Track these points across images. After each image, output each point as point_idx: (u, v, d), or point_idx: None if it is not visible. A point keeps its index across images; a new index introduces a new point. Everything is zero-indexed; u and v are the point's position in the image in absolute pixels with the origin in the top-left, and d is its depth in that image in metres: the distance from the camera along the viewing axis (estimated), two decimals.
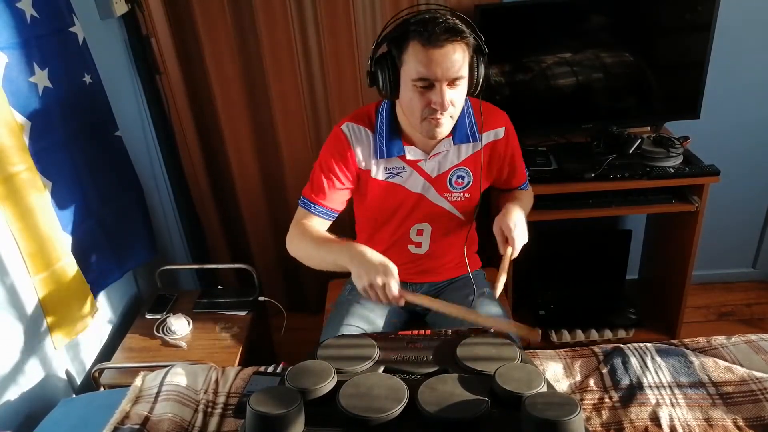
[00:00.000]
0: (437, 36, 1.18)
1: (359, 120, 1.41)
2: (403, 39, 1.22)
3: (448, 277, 1.63)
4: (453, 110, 1.27)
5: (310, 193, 1.43)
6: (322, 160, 1.43)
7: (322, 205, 1.42)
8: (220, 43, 1.97)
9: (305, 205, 1.43)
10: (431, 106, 1.24)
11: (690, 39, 1.95)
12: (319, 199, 1.42)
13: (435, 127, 1.28)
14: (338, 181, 1.41)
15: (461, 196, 1.47)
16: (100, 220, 1.73)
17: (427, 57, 1.19)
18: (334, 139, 1.41)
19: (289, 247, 1.42)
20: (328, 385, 1.02)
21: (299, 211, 1.44)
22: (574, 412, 0.89)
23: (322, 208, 1.42)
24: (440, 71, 1.20)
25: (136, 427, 1.18)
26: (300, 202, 1.44)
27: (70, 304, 1.57)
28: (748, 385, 1.21)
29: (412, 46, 1.21)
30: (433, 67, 1.20)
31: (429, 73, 1.21)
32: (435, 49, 1.19)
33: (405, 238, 1.53)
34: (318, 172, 1.43)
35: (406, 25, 1.22)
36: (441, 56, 1.19)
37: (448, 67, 1.20)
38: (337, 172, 1.40)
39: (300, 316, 2.42)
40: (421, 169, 1.42)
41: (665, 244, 2.26)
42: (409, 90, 1.25)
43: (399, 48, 1.24)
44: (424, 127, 1.29)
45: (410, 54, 1.22)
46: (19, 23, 1.42)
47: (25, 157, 1.40)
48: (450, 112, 1.26)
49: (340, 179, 1.41)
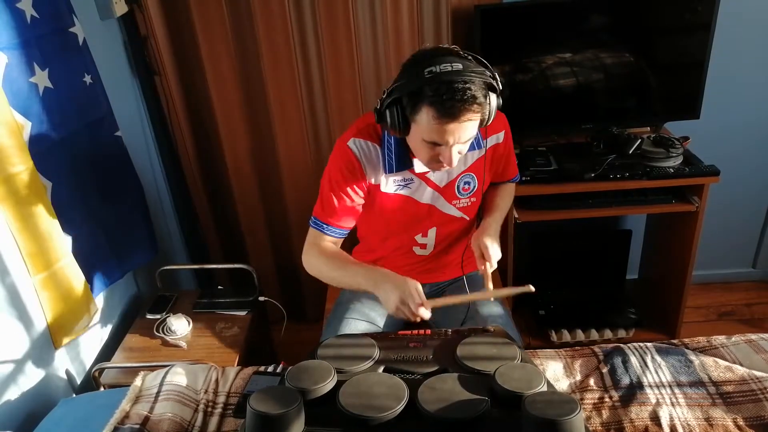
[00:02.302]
0: (454, 111, 1.14)
1: (366, 135, 1.37)
2: (416, 99, 1.16)
3: (450, 277, 1.63)
4: (460, 156, 1.28)
5: (321, 214, 1.41)
6: (331, 179, 1.39)
7: (335, 225, 1.41)
8: (218, 45, 1.97)
9: (318, 226, 1.42)
10: (439, 158, 1.24)
11: (690, 39, 1.95)
12: (331, 220, 1.40)
13: (441, 169, 1.29)
14: (350, 200, 1.39)
15: (468, 201, 1.47)
16: (101, 220, 1.73)
17: (441, 129, 1.17)
18: (342, 157, 1.37)
19: (306, 267, 1.43)
20: (328, 385, 1.02)
21: (312, 231, 1.44)
22: (574, 412, 0.89)
23: (334, 228, 1.41)
24: (453, 139, 1.19)
25: (136, 426, 1.18)
26: (312, 222, 1.43)
27: (71, 305, 1.57)
28: (748, 384, 1.21)
29: (426, 112, 1.16)
30: (446, 137, 1.18)
31: (441, 141, 1.19)
32: (451, 123, 1.16)
33: (411, 241, 1.53)
34: (328, 191, 1.39)
35: (420, 81, 1.14)
36: (455, 128, 1.17)
37: (462, 135, 1.19)
38: (348, 192, 1.38)
39: (300, 316, 2.42)
40: (429, 179, 1.42)
41: (665, 244, 2.26)
42: (418, 141, 1.23)
43: (412, 105, 1.18)
44: (429, 166, 1.31)
45: (423, 118, 1.17)
46: (19, 23, 1.41)
47: (25, 158, 1.40)
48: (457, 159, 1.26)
49: (351, 198, 1.39)
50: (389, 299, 1.23)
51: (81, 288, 1.59)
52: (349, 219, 1.42)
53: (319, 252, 1.40)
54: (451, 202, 1.46)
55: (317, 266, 1.40)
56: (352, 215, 1.42)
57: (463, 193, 1.46)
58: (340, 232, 1.42)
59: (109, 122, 1.78)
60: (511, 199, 1.62)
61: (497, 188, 1.58)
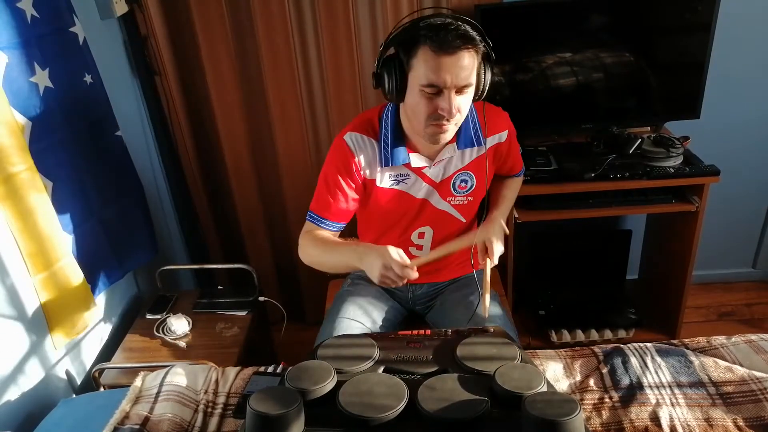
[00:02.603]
0: (449, 43, 1.16)
1: (362, 129, 1.39)
2: (413, 43, 1.20)
3: (449, 277, 1.63)
4: (458, 117, 1.27)
5: (317, 208, 1.43)
6: (327, 173, 1.41)
7: (329, 218, 1.42)
8: (218, 45, 1.97)
9: (313, 220, 1.44)
10: (438, 112, 1.24)
11: (690, 39, 1.95)
12: (326, 214, 1.42)
13: (439, 133, 1.28)
14: (344, 195, 1.40)
15: (464, 199, 1.47)
16: (102, 220, 1.73)
17: (438, 64, 1.18)
18: (337, 152, 1.39)
19: (301, 256, 1.44)
20: (328, 385, 1.02)
21: (307, 224, 1.45)
22: (574, 412, 0.89)
23: (330, 221, 1.43)
24: (450, 78, 1.19)
25: (136, 427, 1.18)
26: (308, 216, 1.45)
27: (71, 304, 1.57)
28: (748, 385, 1.21)
29: (423, 51, 1.19)
30: (443, 74, 1.19)
31: (438, 80, 1.20)
32: (446, 56, 1.17)
33: (407, 241, 1.53)
34: (323, 186, 1.41)
35: (416, 28, 1.20)
36: (452, 63, 1.18)
37: (458, 75, 1.20)
38: (342, 186, 1.39)
39: (299, 318, 2.42)
40: (425, 175, 1.42)
41: (665, 244, 2.26)
42: (416, 95, 1.24)
43: (408, 52, 1.22)
44: (427, 131, 1.29)
45: (420, 59, 1.20)
46: (19, 23, 1.41)
47: (25, 157, 1.40)
48: (455, 119, 1.26)
49: (345, 192, 1.40)
50: (373, 268, 1.24)
51: (81, 288, 1.59)
52: (343, 213, 1.43)
53: (311, 239, 1.42)
54: (446, 198, 1.46)
55: (309, 253, 1.42)
56: (346, 210, 1.43)
57: (459, 190, 1.46)
58: (335, 225, 1.43)
59: (109, 122, 1.78)
60: (518, 190, 1.63)
61: (504, 181, 1.59)
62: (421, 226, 1.51)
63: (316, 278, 2.17)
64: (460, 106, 1.25)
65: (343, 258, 1.35)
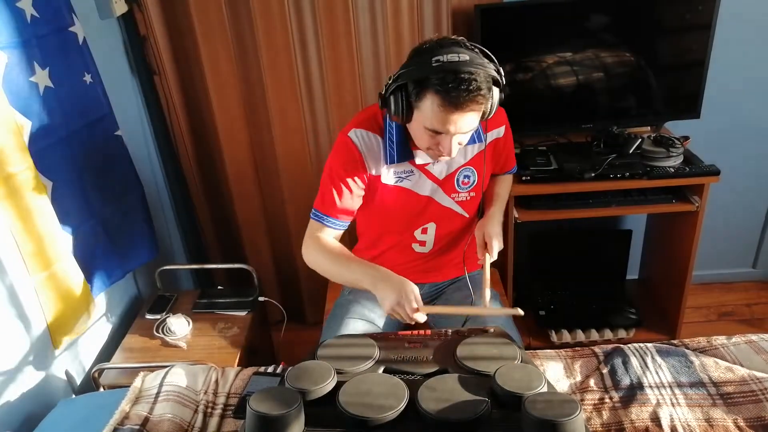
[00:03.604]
0: (459, 100, 1.14)
1: (367, 125, 1.37)
2: (422, 86, 1.18)
3: (449, 277, 1.63)
4: (460, 147, 1.28)
5: (322, 206, 1.41)
6: (332, 171, 1.39)
7: (335, 217, 1.41)
8: (218, 45, 1.97)
9: (318, 218, 1.42)
10: (439, 148, 1.25)
11: (690, 39, 1.95)
12: (331, 212, 1.40)
13: (440, 157, 1.30)
14: (350, 192, 1.39)
15: (467, 195, 1.48)
16: (102, 220, 1.73)
17: (445, 117, 1.18)
18: (343, 148, 1.37)
19: (306, 259, 1.43)
20: (328, 386, 1.02)
21: (312, 223, 1.43)
22: (574, 412, 0.89)
23: (335, 219, 1.41)
24: (454, 129, 1.20)
25: (136, 427, 1.18)
26: (312, 214, 1.43)
27: (70, 304, 1.57)
28: (748, 385, 1.21)
29: (431, 99, 1.17)
30: (447, 126, 1.19)
31: (443, 130, 1.20)
32: (454, 113, 1.17)
33: (410, 237, 1.53)
34: (328, 183, 1.39)
35: (427, 69, 1.15)
36: (458, 118, 1.18)
37: (463, 126, 1.20)
38: (348, 183, 1.38)
39: (299, 319, 2.42)
40: (429, 172, 1.42)
41: (665, 244, 2.26)
42: (420, 128, 1.24)
43: (417, 92, 1.19)
44: (428, 154, 1.32)
45: (427, 105, 1.18)
46: (19, 23, 1.41)
47: (24, 157, 1.40)
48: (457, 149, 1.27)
49: (351, 189, 1.38)
50: (386, 300, 1.23)
51: (80, 288, 1.59)
52: (349, 211, 1.42)
53: (320, 245, 1.39)
54: (450, 195, 1.46)
55: (317, 260, 1.40)
56: (352, 207, 1.42)
57: (463, 186, 1.46)
58: (341, 224, 1.42)
59: (109, 121, 1.78)
60: (510, 187, 1.65)
61: (496, 179, 1.60)
62: (425, 223, 1.51)
63: (316, 279, 2.16)
64: (462, 140, 1.26)
65: (355, 276, 1.33)
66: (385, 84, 1.25)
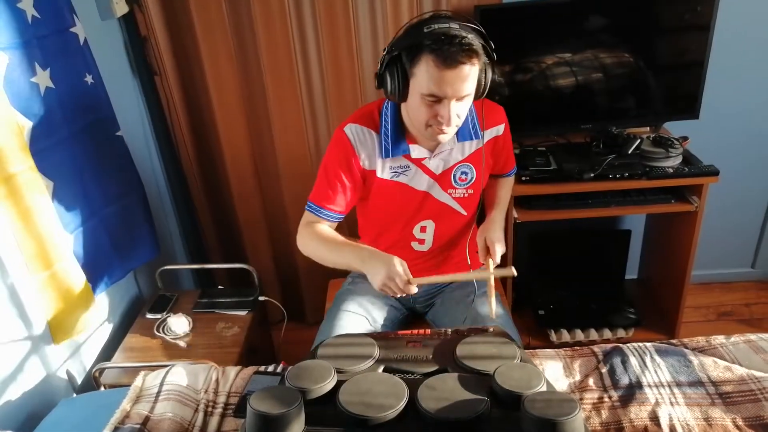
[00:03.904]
0: (452, 56, 1.16)
1: (362, 121, 1.40)
2: (416, 51, 1.20)
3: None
4: (458, 121, 1.28)
5: (316, 198, 1.44)
6: (327, 164, 1.42)
7: (328, 209, 1.43)
8: (218, 45, 1.97)
9: (312, 210, 1.44)
10: (438, 119, 1.25)
11: (690, 39, 1.95)
12: (325, 204, 1.43)
13: (439, 134, 1.30)
14: (343, 186, 1.41)
15: (465, 192, 1.48)
16: (103, 219, 1.73)
17: (440, 77, 1.19)
18: (337, 143, 1.41)
19: (300, 247, 1.45)
20: (328, 385, 1.02)
21: (306, 214, 1.46)
22: (573, 412, 0.89)
23: (328, 212, 1.43)
24: (451, 91, 1.21)
25: (137, 426, 1.19)
26: (307, 206, 1.45)
27: (72, 304, 1.57)
28: (747, 384, 1.21)
29: (425, 61, 1.19)
30: (444, 86, 1.20)
31: (439, 92, 1.21)
32: (449, 69, 1.18)
33: (409, 235, 1.54)
34: (323, 176, 1.43)
35: (420, 35, 1.19)
36: (454, 77, 1.19)
37: (459, 87, 1.21)
38: (342, 177, 1.41)
39: (299, 320, 2.42)
40: (425, 167, 1.43)
41: (665, 244, 2.26)
42: (417, 100, 1.25)
43: (411, 59, 1.22)
44: (428, 133, 1.31)
45: (422, 69, 1.20)
46: (20, 23, 1.41)
47: (26, 158, 1.40)
48: (455, 122, 1.27)
49: (344, 183, 1.41)
50: (376, 276, 1.25)
51: (82, 287, 1.59)
52: (342, 205, 1.44)
53: (312, 232, 1.42)
54: (447, 190, 1.47)
55: (310, 246, 1.42)
56: (345, 200, 1.44)
57: (460, 183, 1.47)
58: (334, 216, 1.44)
59: (110, 122, 1.78)
60: (510, 189, 1.65)
61: (497, 181, 1.60)
62: (423, 220, 1.51)
63: (316, 278, 2.18)
64: (460, 112, 1.27)
65: (344, 258, 1.35)
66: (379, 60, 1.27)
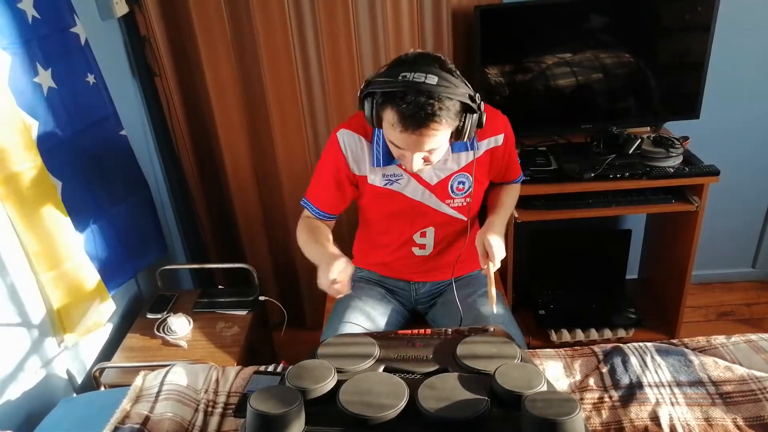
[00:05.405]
0: (414, 123, 1.15)
1: (355, 127, 1.41)
2: (385, 99, 1.18)
3: (450, 276, 1.63)
4: (428, 163, 1.29)
5: (309, 195, 1.50)
6: (319, 164, 1.47)
7: (318, 207, 1.48)
8: (218, 46, 1.97)
9: (305, 205, 1.51)
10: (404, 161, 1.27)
11: (690, 39, 1.95)
12: (315, 202, 1.48)
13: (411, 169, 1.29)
14: (331, 187, 1.45)
15: (463, 201, 1.48)
16: (110, 219, 1.73)
17: (400, 137, 1.19)
18: (330, 146, 1.44)
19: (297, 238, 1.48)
20: (328, 385, 1.02)
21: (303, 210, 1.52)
22: (574, 412, 0.89)
23: (318, 210, 1.48)
24: (412, 149, 1.22)
25: (137, 426, 1.19)
26: (302, 201, 1.51)
27: (85, 302, 1.56)
28: (747, 384, 1.21)
29: (390, 114, 1.18)
30: (404, 143, 1.21)
31: (401, 145, 1.22)
32: (410, 134, 1.17)
33: (409, 240, 1.54)
34: (317, 175, 1.48)
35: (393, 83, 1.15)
36: (414, 140, 1.19)
37: (421, 147, 1.21)
38: (329, 178, 1.44)
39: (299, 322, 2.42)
40: (418, 176, 1.43)
41: (665, 244, 2.26)
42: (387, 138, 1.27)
43: (380, 103, 1.20)
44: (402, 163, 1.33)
45: (387, 119, 1.20)
46: (20, 23, 1.41)
47: (34, 157, 1.40)
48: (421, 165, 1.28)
49: (333, 185, 1.44)
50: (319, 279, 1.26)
51: (95, 285, 1.59)
52: (331, 205, 1.48)
53: (303, 225, 1.48)
54: (444, 201, 1.47)
55: (299, 238, 1.47)
56: (334, 202, 1.47)
57: (457, 192, 1.46)
58: (324, 215, 1.49)
59: (113, 121, 1.78)
60: (516, 197, 1.62)
61: (501, 187, 1.59)
62: (423, 227, 1.52)
63: (316, 278, 2.17)
64: (429, 157, 1.27)
65: (311, 256, 1.39)
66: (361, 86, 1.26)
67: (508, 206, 1.54)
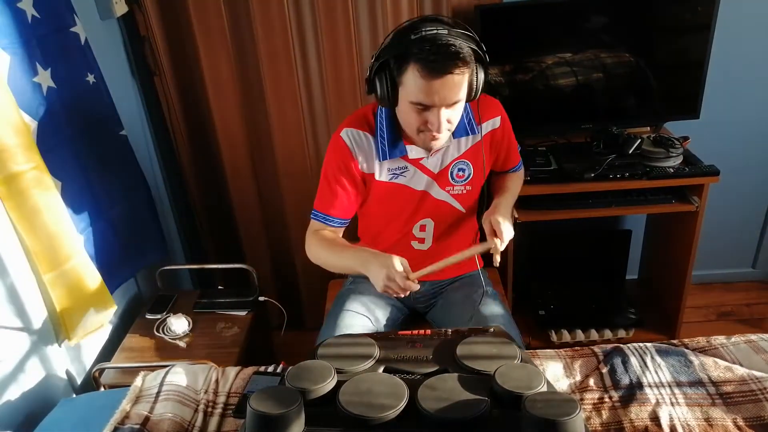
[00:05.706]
0: (439, 65, 1.15)
1: (358, 124, 1.40)
2: (403, 59, 1.19)
3: (450, 275, 1.64)
4: (449, 126, 1.28)
5: (320, 206, 1.45)
6: (327, 171, 1.43)
7: (333, 215, 1.44)
8: (217, 46, 1.97)
9: (317, 217, 1.46)
10: (428, 125, 1.25)
11: (690, 39, 1.95)
12: (330, 211, 1.44)
13: (431, 141, 1.29)
14: (345, 191, 1.42)
15: (463, 188, 1.48)
16: (111, 220, 1.73)
17: (427, 86, 1.18)
18: (335, 148, 1.41)
19: (309, 255, 1.46)
20: (328, 385, 1.02)
21: (312, 223, 1.47)
22: (574, 412, 0.89)
23: (333, 218, 1.44)
24: (439, 99, 1.20)
25: (137, 427, 1.18)
26: (312, 215, 1.46)
27: (87, 302, 1.56)
28: (747, 384, 1.21)
29: (412, 70, 1.18)
30: (432, 95, 1.19)
31: (428, 101, 1.20)
32: (436, 79, 1.17)
33: (408, 234, 1.54)
34: (325, 183, 1.43)
35: (407, 43, 1.17)
36: (441, 85, 1.18)
37: (448, 95, 1.20)
38: (343, 182, 1.41)
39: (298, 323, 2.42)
40: (423, 166, 1.43)
41: (665, 244, 2.26)
42: (406, 106, 1.25)
43: (398, 67, 1.20)
44: (420, 138, 1.31)
45: (409, 78, 1.19)
46: (20, 23, 1.41)
47: (34, 156, 1.40)
48: (446, 128, 1.27)
49: (346, 188, 1.42)
50: (377, 278, 1.25)
51: (97, 284, 1.59)
52: (346, 209, 1.44)
53: (317, 239, 1.43)
54: (444, 188, 1.47)
55: (316, 253, 1.43)
56: (348, 205, 1.44)
57: (458, 179, 1.46)
58: (340, 221, 1.45)
59: (113, 121, 1.78)
60: (520, 184, 1.61)
61: (506, 175, 1.59)
62: (421, 219, 1.51)
63: (315, 279, 2.17)
64: (451, 117, 1.26)
65: (347, 262, 1.36)
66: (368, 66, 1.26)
67: (513, 190, 1.54)
